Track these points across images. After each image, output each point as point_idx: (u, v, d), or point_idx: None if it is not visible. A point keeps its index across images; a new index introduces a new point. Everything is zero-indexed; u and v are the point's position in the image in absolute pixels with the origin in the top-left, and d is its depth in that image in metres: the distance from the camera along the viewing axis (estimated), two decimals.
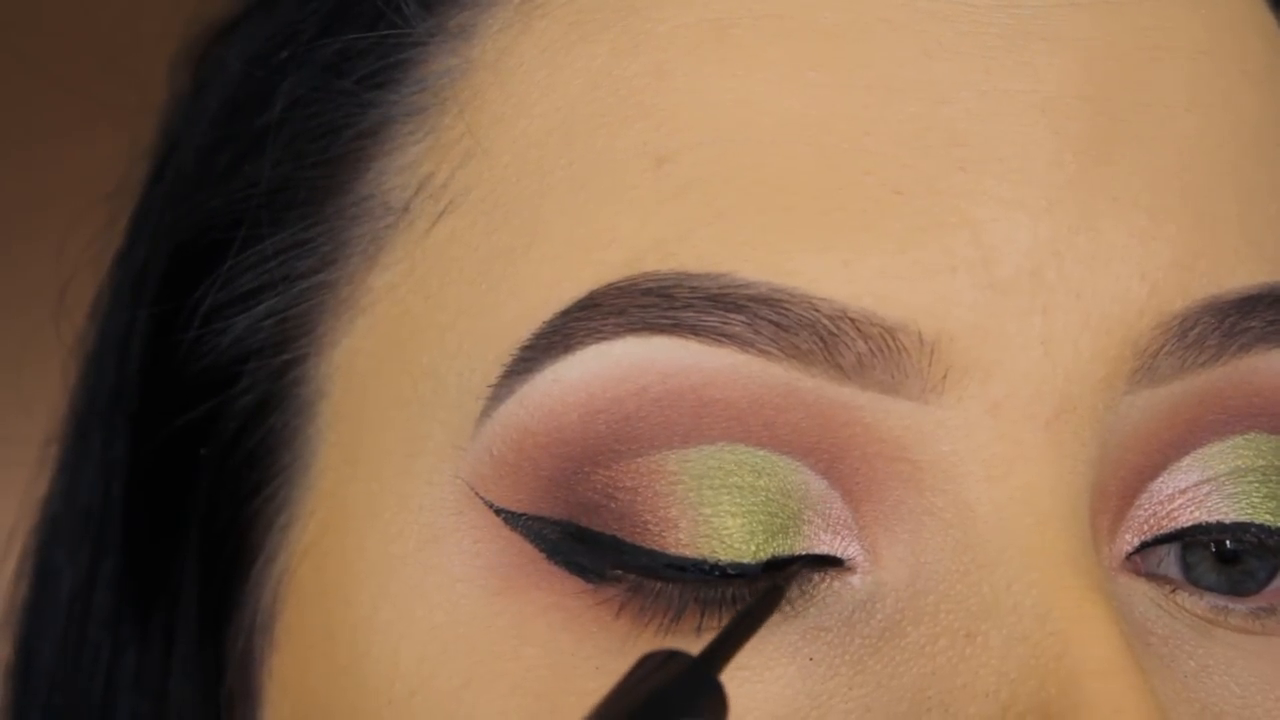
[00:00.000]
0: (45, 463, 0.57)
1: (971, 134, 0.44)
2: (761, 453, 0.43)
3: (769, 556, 0.44)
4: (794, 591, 0.44)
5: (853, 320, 0.43)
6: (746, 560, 0.43)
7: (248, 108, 0.50)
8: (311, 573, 0.48)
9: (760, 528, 0.43)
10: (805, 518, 0.44)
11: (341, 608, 0.46)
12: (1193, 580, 0.45)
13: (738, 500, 0.43)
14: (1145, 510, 0.45)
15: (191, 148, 0.51)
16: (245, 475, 0.49)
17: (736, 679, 0.43)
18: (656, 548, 0.44)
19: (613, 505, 0.44)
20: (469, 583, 0.45)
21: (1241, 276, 0.44)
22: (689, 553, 0.44)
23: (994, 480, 0.43)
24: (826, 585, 0.44)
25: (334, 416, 0.48)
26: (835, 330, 0.43)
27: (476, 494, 0.45)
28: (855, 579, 0.44)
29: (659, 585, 0.44)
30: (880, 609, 0.43)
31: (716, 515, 0.43)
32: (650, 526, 0.44)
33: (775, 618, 0.44)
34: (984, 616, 0.42)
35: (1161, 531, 0.45)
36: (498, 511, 0.45)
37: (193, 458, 0.50)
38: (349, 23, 0.49)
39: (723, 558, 0.43)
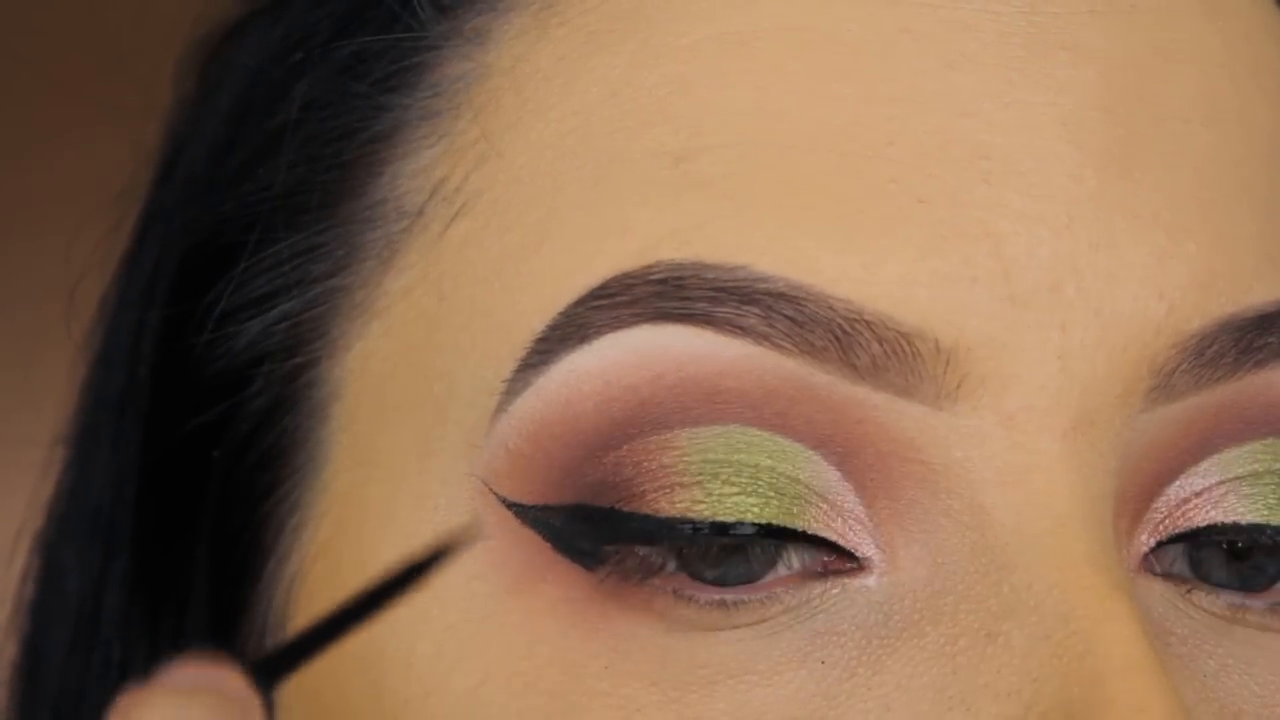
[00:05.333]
0: (51, 464, 0.57)
1: (994, 146, 0.44)
2: (776, 437, 0.44)
3: (765, 523, 0.43)
4: (796, 598, 0.44)
5: (868, 322, 0.43)
6: (731, 521, 0.44)
7: (261, 110, 0.50)
8: (325, 574, 0.48)
9: (756, 501, 0.44)
10: (812, 501, 0.44)
11: None
12: (1201, 577, 0.45)
13: (740, 475, 0.44)
14: (1161, 512, 0.45)
15: (203, 149, 0.51)
16: (257, 477, 0.49)
17: (745, 683, 0.43)
18: (649, 512, 0.44)
19: (617, 480, 0.44)
20: (482, 580, 0.45)
21: (1259, 294, 0.45)
22: (679, 515, 0.44)
23: (1009, 485, 0.43)
24: (839, 591, 0.44)
25: (348, 419, 0.48)
26: (850, 331, 0.43)
27: (490, 490, 0.45)
28: (871, 580, 0.44)
29: (644, 550, 0.44)
30: (897, 610, 0.44)
31: (714, 484, 0.44)
32: (647, 495, 0.44)
33: (785, 619, 0.44)
34: (1005, 617, 0.43)
35: (1177, 530, 0.45)
36: (509, 506, 0.45)
37: (205, 460, 0.50)
38: (364, 25, 0.49)
39: (708, 518, 0.44)
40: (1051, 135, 0.44)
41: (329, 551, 0.48)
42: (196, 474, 0.50)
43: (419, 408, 0.47)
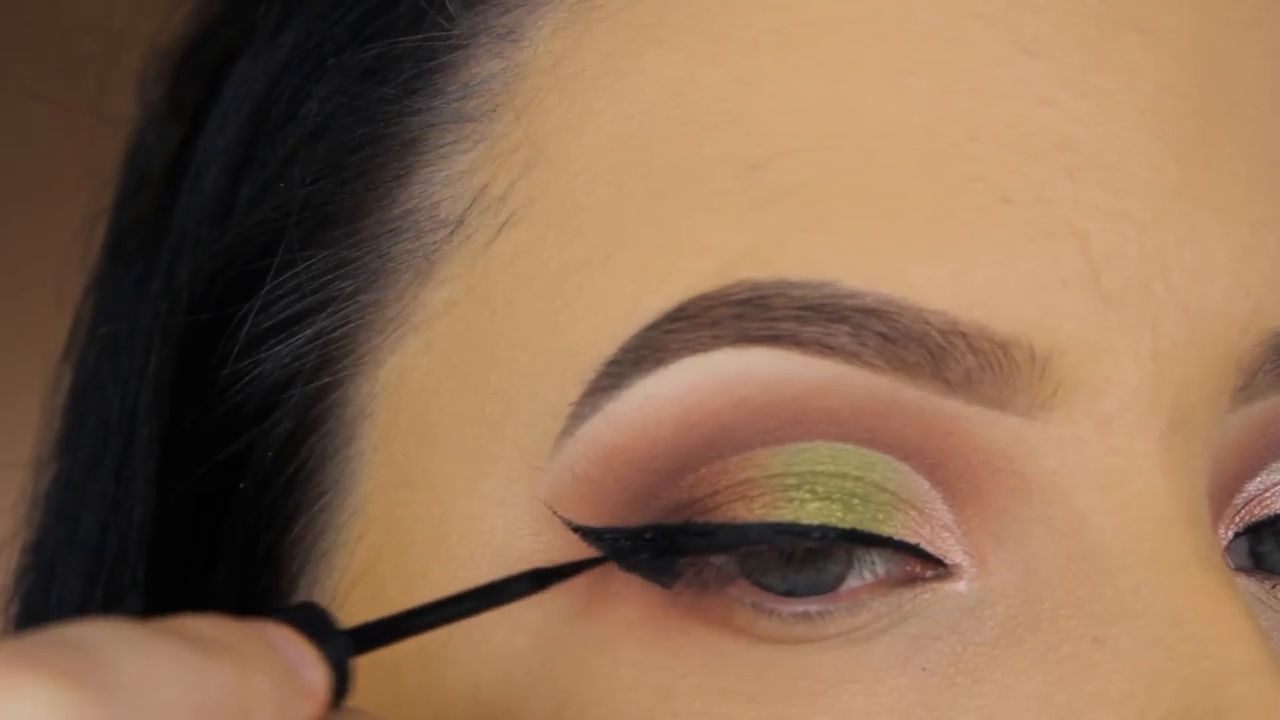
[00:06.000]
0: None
1: (1076, 138, 0.43)
2: (863, 450, 0.43)
3: (850, 529, 0.42)
4: (885, 604, 0.43)
5: (964, 334, 0.42)
6: (815, 525, 0.42)
7: (278, 124, 0.48)
8: (366, 601, 0.46)
9: (840, 506, 0.42)
10: (899, 508, 0.43)
11: None
12: (1267, 568, 0.45)
13: (824, 483, 0.42)
14: (1237, 507, 0.45)
15: (217, 168, 0.49)
16: (282, 503, 0.47)
17: (847, 692, 0.42)
18: (725, 520, 0.42)
19: (693, 499, 0.43)
20: (551, 604, 0.43)
21: None
22: (758, 520, 0.42)
23: (1107, 490, 0.42)
24: (930, 595, 0.43)
25: (380, 438, 0.46)
26: (945, 344, 0.42)
27: (555, 514, 0.43)
28: (961, 585, 0.43)
29: (721, 559, 0.43)
30: (991, 616, 0.43)
31: (798, 492, 0.42)
32: (722, 507, 0.43)
33: (877, 625, 0.42)
34: (1110, 622, 0.42)
35: (1254, 519, 0.45)
36: (576, 529, 0.43)
37: (228, 492, 0.48)
38: (384, 28, 0.47)
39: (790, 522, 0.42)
40: (1131, 125, 0.43)
41: (369, 578, 0.46)
42: (218, 506, 0.48)
43: (468, 426, 0.45)
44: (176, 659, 0.35)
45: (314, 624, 0.39)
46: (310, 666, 0.38)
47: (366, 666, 0.45)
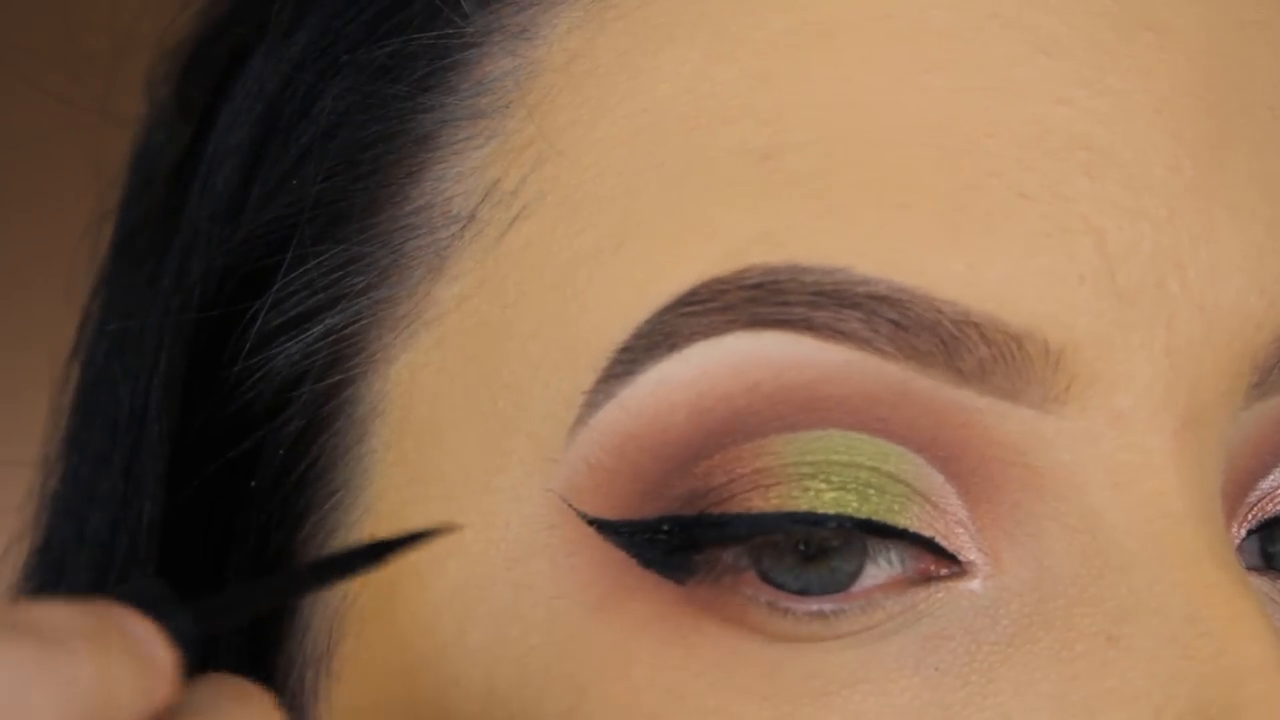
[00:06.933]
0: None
1: (1093, 137, 0.43)
2: (878, 440, 0.43)
3: (865, 518, 0.42)
4: (899, 604, 0.43)
5: (976, 325, 0.42)
6: (831, 514, 0.42)
7: (291, 121, 0.48)
8: (377, 600, 0.46)
9: (855, 496, 0.42)
10: (914, 500, 0.43)
11: (422, 634, 0.45)
12: (1278, 567, 0.45)
13: (839, 473, 0.42)
14: (1250, 505, 0.45)
15: (229, 166, 0.49)
16: (293, 501, 0.47)
17: (859, 693, 0.42)
18: (740, 510, 0.42)
19: (708, 488, 0.43)
20: (566, 599, 0.43)
21: None
22: (774, 510, 0.42)
23: (1121, 487, 0.42)
24: (944, 594, 0.43)
25: (392, 435, 0.46)
26: (957, 334, 0.42)
27: (570, 506, 0.43)
28: (975, 584, 0.43)
29: (735, 554, 0.43)
30: (1005, 614, 0.43)
31: (813, 482, 0.42)
32: (738, 496, 0.43)
33: (890, 625, 0.42)
34: (1125, 620, 0.42)
35: (1266, 516, 0.45)
36: (591, 522, 0.43)
37: (239, 491, 0.47)
38: (398, 25, 0.47)
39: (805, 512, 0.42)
40: (1146, 124, 0.43)
41: (382, 576, 0.46)
42: (228, 504, 0.48)
43: (482, 422, 0.45)
44: (35, 661, 0.34)
45: (155, 601, 0.37)
46: (157, 645, 0.36)
47: (382, 664, 0.46)
